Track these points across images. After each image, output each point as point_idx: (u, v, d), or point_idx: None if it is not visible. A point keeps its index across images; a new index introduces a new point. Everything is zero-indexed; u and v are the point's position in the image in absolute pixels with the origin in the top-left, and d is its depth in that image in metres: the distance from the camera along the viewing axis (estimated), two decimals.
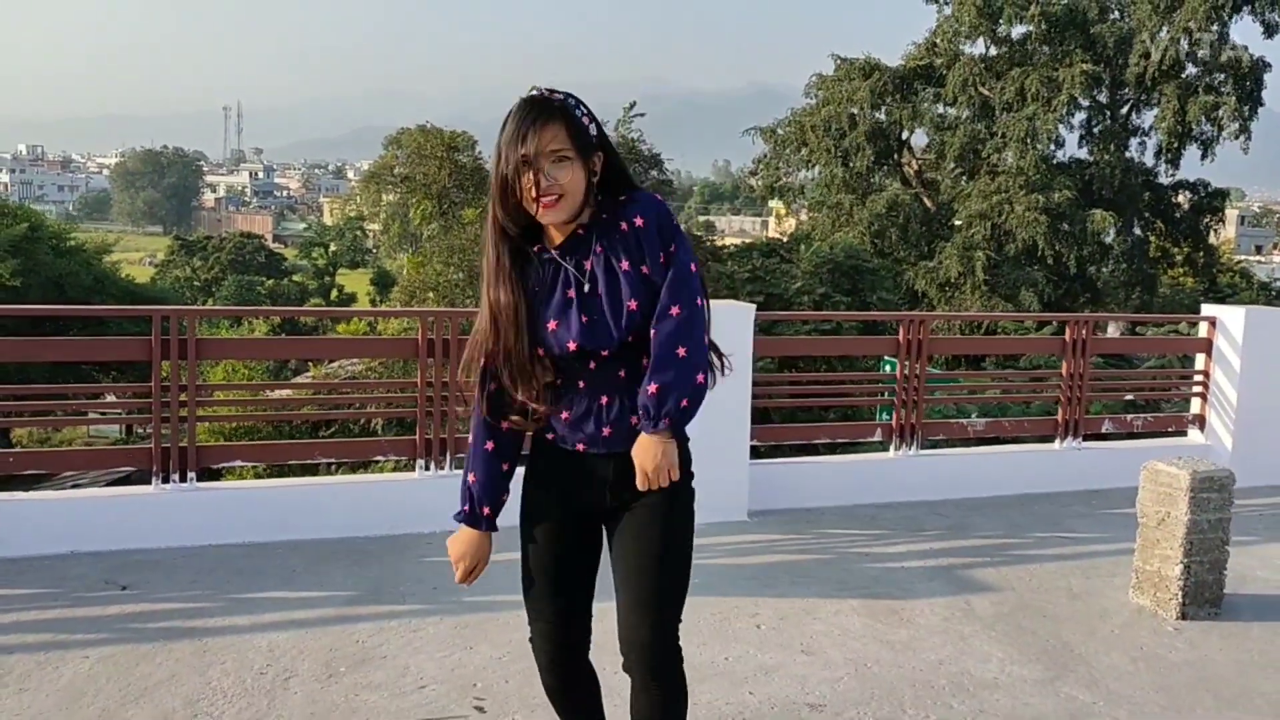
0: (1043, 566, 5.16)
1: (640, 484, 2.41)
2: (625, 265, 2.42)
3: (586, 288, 2.43)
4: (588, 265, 2.43)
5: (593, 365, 2.46)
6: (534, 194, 2.35)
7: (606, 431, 2.47)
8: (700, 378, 2.42)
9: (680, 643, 2.52)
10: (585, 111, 2.42)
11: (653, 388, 2.39)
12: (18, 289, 22.17)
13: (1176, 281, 33.73)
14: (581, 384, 2.48)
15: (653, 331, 2.42)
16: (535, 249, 2.47)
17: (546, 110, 2.36)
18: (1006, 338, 15.57)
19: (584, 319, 2.42)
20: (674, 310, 2.40)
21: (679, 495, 2.50)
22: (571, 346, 2.42)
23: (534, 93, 2.41)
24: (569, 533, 2.56)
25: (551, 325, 2.43)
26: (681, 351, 2.40)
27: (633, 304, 2.41)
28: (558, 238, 2.46)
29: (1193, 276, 32.17)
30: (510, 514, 2.56)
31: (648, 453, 2.40)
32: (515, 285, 2.44)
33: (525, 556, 2.57)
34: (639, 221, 2.42)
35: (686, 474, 2.52)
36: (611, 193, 2.47)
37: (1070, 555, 5.37)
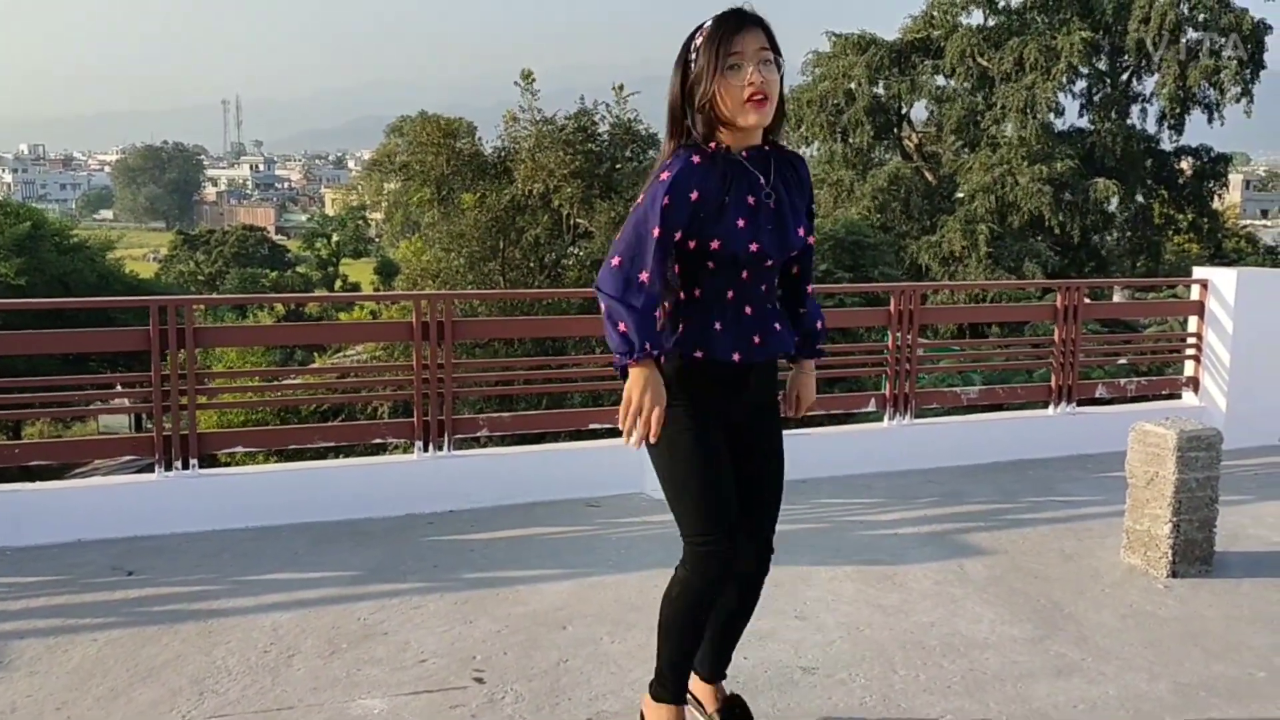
0: (1035, 530, 5.22)
1: (796, 413, 2.68)
2: (792, 198, 2.61)
3: (769, 199, 2.54)
4: (762, 181, 2.54)
5: (745, 275, 2.54)
6: (745, 94, 2.42)
7: (757, 340, 2.58)
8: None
9: None
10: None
11: (818, 324, 2.77)
12: (23, 287, 22.31)
13: (1181, 248, 33.62)
14: (730, 294, 2.54)
15: (796, 270, 2.72)
16: (714, 146, 2.51)
17: (749, 17, 2.48)
18: (997, 306, 15.56)
19: (768, 226, 2.53)
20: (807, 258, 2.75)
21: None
22: (754, 247, 2.50)
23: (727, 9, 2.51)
24: (722, 444, 2.63)
25: (741, 222, 2.49)
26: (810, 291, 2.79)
27: (801, 230, 2.60)
28: (737, 147, 2.53)
29: (1197, 243, 32.05)
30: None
31: (809, 386, 2.73)
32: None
33: (692, 471, 2.58)
34: (804, 173, 2.65)
35: None
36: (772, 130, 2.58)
37: (1063, 518, 5.43)
